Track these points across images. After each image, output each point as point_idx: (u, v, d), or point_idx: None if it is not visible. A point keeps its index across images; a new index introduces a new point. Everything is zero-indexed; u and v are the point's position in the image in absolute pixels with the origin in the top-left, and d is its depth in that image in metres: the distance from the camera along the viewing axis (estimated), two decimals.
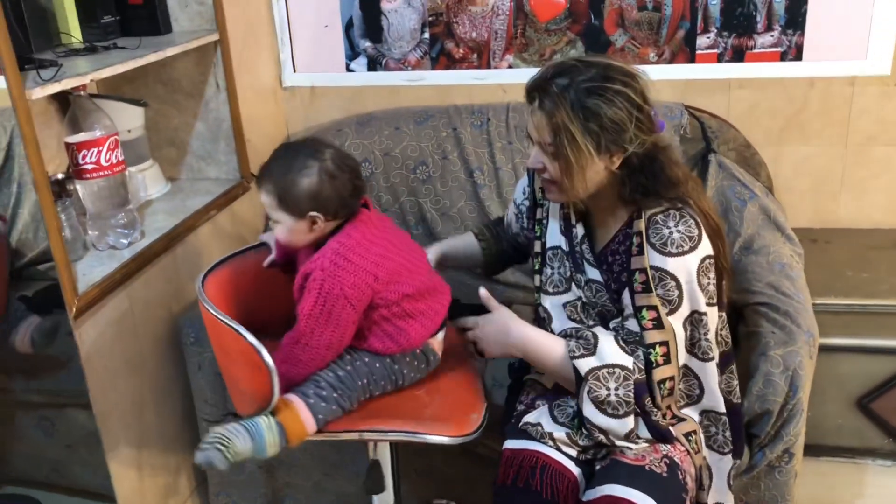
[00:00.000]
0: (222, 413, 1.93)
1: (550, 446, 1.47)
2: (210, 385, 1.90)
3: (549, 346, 1.47)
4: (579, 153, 1.36)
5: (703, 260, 1.40)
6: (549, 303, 1.58)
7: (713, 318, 1.43)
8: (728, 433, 1.51)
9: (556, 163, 1.40)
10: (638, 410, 1.41)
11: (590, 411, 1.40)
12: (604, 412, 1.40)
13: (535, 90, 1.40)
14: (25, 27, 1.72)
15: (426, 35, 2.36)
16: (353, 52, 2.42)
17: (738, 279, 1.87)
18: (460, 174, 2.25)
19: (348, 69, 2.44)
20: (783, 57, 2.18)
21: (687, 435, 1.48)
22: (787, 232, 2.01)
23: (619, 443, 1.43)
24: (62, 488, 2.00)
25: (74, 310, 1.61)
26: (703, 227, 1.40)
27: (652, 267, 1.40)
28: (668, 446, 1.46)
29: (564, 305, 1.56)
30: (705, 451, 1.51)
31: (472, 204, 2.25)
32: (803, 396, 1.61)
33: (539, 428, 1.48)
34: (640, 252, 1.41)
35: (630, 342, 1.42)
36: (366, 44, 2.40)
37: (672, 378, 1.41)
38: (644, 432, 1.43)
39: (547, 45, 2.29)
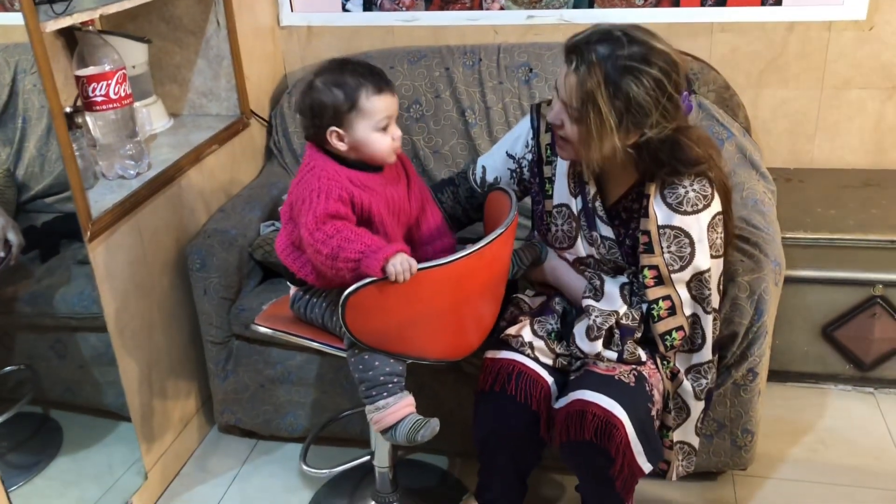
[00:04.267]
0: (225, 335, 2.05)
1: (528, 355, 1.60)
2: (215, 308, 2.01)
3: (573, 282, 1.65)
4: (601, 126, 1.39)
5: (714, 216, 1.49)
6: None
7: (717, 270, 1.53)
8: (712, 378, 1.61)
9: (577, 127, 1.44)
10: (618, 346, 1.54)
11: (578, 331, 1.57)
12: (587, 335, 1.55)
13: (574, 52, 1.39)
14: None
15: None
16: None
17: None
18: (452, 113, 2.34)
19: (344, 9, 2.50)
20: (764, 2, 2.25)
21: (663, 358, 1.59)
22: (761, 170, 2.11)
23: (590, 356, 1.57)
24: (77, 407, 2.11)
25: (89, 234, 1.71)
26: (715, 187, 1.49)
27: (668, 226, 1.49)
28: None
29: (575, 262, 1.66)
30: (689, 397, 1.61)
31: (463, 142, 2.34)
32: (768, 320, 1.72)
33: (519, 339, 1.61)
34: (646, 214, 1.51)
35: (636, 294, 1.56)
36: None
37: (681, 328, 1.54)
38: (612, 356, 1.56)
39: None
